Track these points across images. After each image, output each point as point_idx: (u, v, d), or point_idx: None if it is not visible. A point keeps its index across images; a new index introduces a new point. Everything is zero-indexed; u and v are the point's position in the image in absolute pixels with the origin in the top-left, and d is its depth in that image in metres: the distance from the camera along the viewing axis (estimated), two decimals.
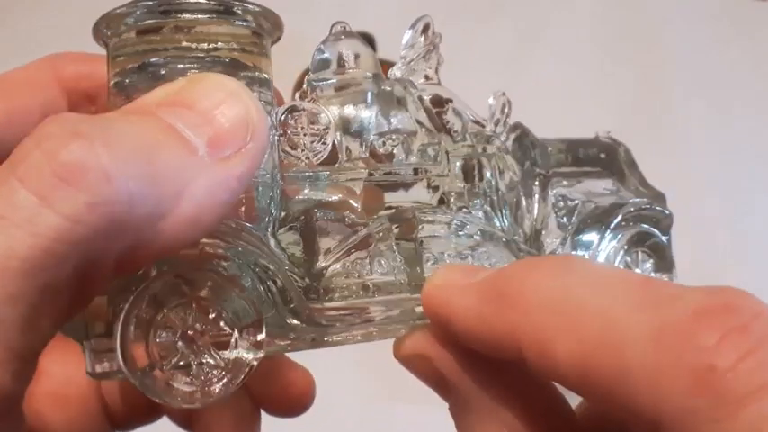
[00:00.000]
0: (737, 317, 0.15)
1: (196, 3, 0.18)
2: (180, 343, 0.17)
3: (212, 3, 0.18)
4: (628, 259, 0.25)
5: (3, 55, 0.86)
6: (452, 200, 0.22)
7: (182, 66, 0.18)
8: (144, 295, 0.16)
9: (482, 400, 0.20)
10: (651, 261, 0.25)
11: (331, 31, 0.21)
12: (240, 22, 0.18)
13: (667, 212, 0.26)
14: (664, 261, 0.25)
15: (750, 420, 0.14)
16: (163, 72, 0.18)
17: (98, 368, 0.17)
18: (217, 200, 0.16)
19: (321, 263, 0.20)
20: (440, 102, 0.22)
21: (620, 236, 0.24)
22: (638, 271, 0.25)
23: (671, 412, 0.15)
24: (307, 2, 0.89)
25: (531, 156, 0.24)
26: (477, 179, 0.22)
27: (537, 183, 0.24)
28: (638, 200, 0.26)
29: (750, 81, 0.81)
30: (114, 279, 0.16)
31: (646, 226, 0.25)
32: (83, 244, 0.14)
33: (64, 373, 0.23)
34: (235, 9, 0.18)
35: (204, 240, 0.17)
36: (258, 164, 0.17)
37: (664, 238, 0.25)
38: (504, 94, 0.24)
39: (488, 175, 0.22)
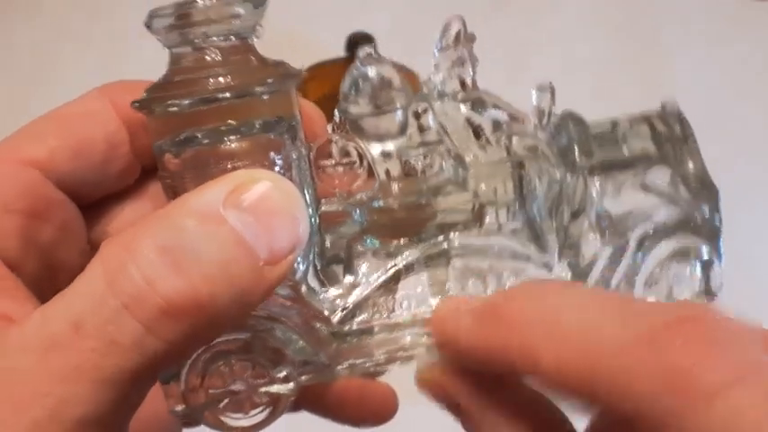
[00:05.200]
0: (703, 326, 0.17)
1: (224, 91, 0.20)
2: (229, 388, 0.21)
3: (238, 76, 0.20)
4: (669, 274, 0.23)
5: (3, 55, 0.86)
6: (490, 215, 0.22)
7: (223, 138, 0.20)
8: (205, 354, 0.21)
9: (489, 419, 0.22)
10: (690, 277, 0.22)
11: (359, 56, 0.23)
12: (264, 92, 0.20)
13: (717, 224, 0.23)
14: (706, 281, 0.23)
15: (721, 415, 0.15)
16: (205, 142, 0.20)
17: (170, 409, 0.21)
18: (260, 301, 0.19)
19: (349, 301, 0.22)
20: (475, 106, 0.22)
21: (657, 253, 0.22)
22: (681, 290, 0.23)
23: (648, 413, 0.16)
24: (307, 2, 0.89)
25: (573, 156, 0.23)
26: (517, 193, 0.22)
27: (577, 186, 0.22)
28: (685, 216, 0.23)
29: (750, 81, 0.81)
30: None
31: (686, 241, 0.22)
32: (172, 359, 0.18)
33: None
34: (257, 92, 0.20)
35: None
36: (293, 267, 0.19)
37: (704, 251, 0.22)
38: (549, 88, 0.23)
39: (532, 187, 0.22)
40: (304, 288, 0.21)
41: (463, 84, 0.23)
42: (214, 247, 0.17)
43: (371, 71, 0.22)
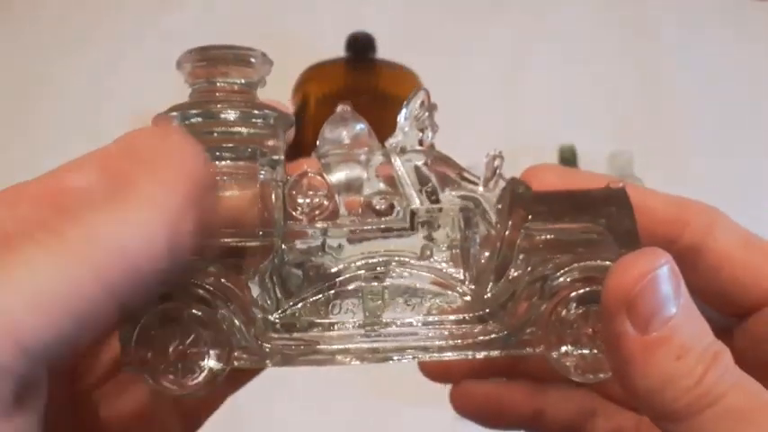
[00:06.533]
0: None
1: (227, 109, 0.25)
2: (170, 353, 0.24)
3: (242, 111, 0.25)
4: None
5: (3, 55, 0.86)
6: (432, 252, 0.27)
7: (218, 153, 0.25)
8: (153, 317, 0.24)
9: None
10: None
11: (336, 111, 0.27)
12: (258, 120, 0.25)
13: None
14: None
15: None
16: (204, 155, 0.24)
17: (124, 360, 0.24)
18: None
19: (289, 303, 0.26)
20: (430, 163, 0.27)
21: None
22: None
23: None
24: (307, 2, 0.89)
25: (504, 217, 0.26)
26: (460, 232, 0.27)
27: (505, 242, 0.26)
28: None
29: (750, 81, 0.81)
30: None
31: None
32: None
33: None
34: (254, 115, 0.25)
35: (199, 288, 0.24)
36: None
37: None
38: (498, 155, 0.26)
39: (472, 232, 0.27)
40: (257, 281, 0.26)
41: (421, 144, 0.27)
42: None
43: (346, 130, 0.26)
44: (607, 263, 0.24)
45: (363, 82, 0.75)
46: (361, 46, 0.75)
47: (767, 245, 0.26)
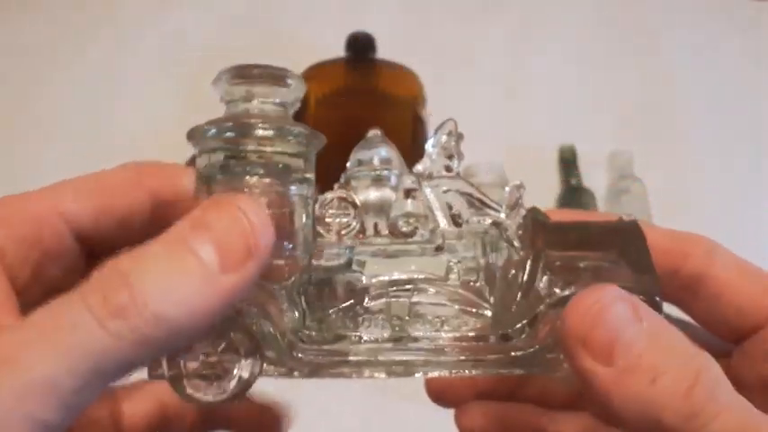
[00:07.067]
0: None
1: (262, 126, 0.25)
2: (201, 361, 0.25)
3: (276, 128, 0.25)
4: None
5: (3, 55, 0.86)
6: (457, 272, 0.28)
7: (249, 168, 0.25)
8: None
9: None
10: None
11: (367, 136, 0.28)
12: (292, 138, 0.25)
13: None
14: None
15: None
16: (237, 170, 0.25)
17: (152, 373, 0.25)
18: (209, 305, 0.21)
19: (316, 317, 0.27)
20: (456, 190, 0.28)
21: None
22: None
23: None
24: (307, 2, 0.89)
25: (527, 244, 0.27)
26: (481, 256, 0.28)
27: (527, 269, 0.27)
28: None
29: (750, 81, 0.81)
30: None
31: None
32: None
33: None
34: (288, 132, 0.25)
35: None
36: (254, 277, 0.22)
37: None
38: (520, 186, 0.28)
39: (494, 256, 0.28)
40: (286, 295, 0.26)
41: (448, 170, 0.28)
42: (162, 261, 0.21)
43: (376, 153, 0.28)
44: (624, 284, 0.24)
45: (363, 82, 0.75)
46: (361, 46, 0.75)
47: (758, 270, 0.27)
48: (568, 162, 0.72)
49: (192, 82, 0.81)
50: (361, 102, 0.73)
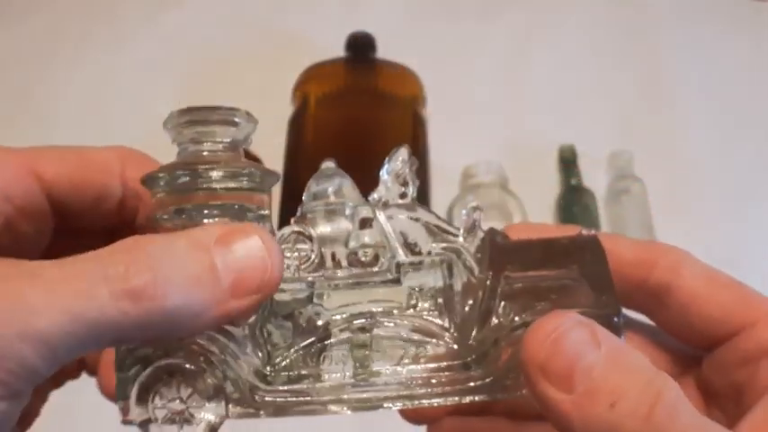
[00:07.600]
0: None
1: (213, 167, 0.25)
2: (169, 407, 0.26)
3: (228, 170, 0.25)
4: None
5: (3, 55, 0.86)
6: (417, 300, 0.28)
7: (206, 211, 0.25)
8: (151, 374, 0.25)
9: None
10: None
11: (321, 167, 0.28)
12: (244, 179, 0.26)
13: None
14: None
15: None
16: (193, 213, 0.25)
17: (123, 419, 0.26)
18: (210, 320, 0.22)
19: (279, 356, 0.27)
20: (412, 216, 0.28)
21: None
22: None
23: None
24: (307, 2, 0.89)
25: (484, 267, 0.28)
26: (443, 281, 0.28)
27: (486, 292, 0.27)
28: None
29: (750, 81, 0.81)
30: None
31: None
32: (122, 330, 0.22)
33: None
34: (239, 173, 0.26)
35: (195, 345, 0.25)
36: (259, 307, 0.24)
37: None
38: (477, 208, 0.28)
39: (454, 281, 0.28)
40: (248, 333, 0.27)
41: (403, 197, 0.28)
42: (188, 263, 0.22)
43: (331, 185, 0.28)
44: (583, 310, 0.25)
45: (363, 82, 0.75)
46: (361, 46, 0.75)
47: (729, 280, 0.27)
48: (568, 162, 0.72)
49: (192, 82, 0.81)
50: (361, 102, 0.73)
